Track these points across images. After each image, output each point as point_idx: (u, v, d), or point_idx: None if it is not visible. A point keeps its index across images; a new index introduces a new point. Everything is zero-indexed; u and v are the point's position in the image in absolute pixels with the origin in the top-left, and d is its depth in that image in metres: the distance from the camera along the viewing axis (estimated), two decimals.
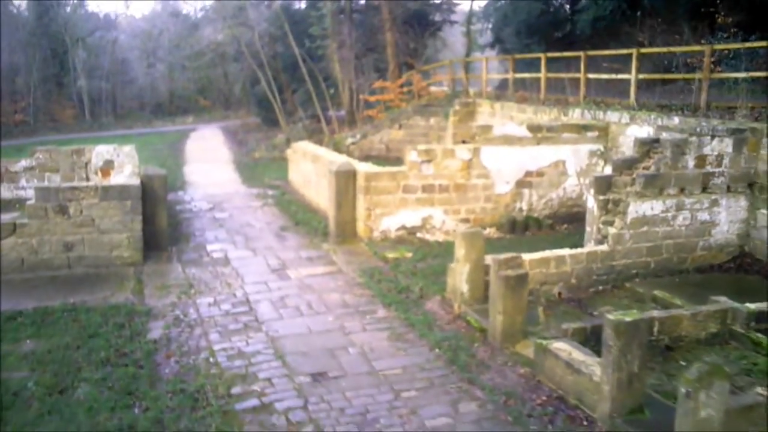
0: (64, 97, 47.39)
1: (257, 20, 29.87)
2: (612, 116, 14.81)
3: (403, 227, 13.50)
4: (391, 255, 12.23)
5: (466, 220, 13.98)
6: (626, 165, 11.15)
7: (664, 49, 15.78)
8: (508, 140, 14.12)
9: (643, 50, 15.55)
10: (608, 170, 14.88)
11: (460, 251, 9.58)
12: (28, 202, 11.18)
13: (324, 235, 13.83)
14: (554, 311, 9.69)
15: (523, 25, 27.46)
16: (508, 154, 14.10)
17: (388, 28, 27.33)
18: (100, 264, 11.48)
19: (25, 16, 47.39)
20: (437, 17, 34.86)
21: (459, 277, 9.62)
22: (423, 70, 28.38)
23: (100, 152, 16.33)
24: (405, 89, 26.37)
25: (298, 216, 15.50)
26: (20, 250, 11.07)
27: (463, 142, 20.95)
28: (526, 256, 10.03)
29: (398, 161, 22.83)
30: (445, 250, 12.65)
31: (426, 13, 33.53)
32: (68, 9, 48.88)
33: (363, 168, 13.44)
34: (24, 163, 16.34)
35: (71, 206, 11.19)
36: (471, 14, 36.56)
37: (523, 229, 14.14)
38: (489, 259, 9.75)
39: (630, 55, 17.60)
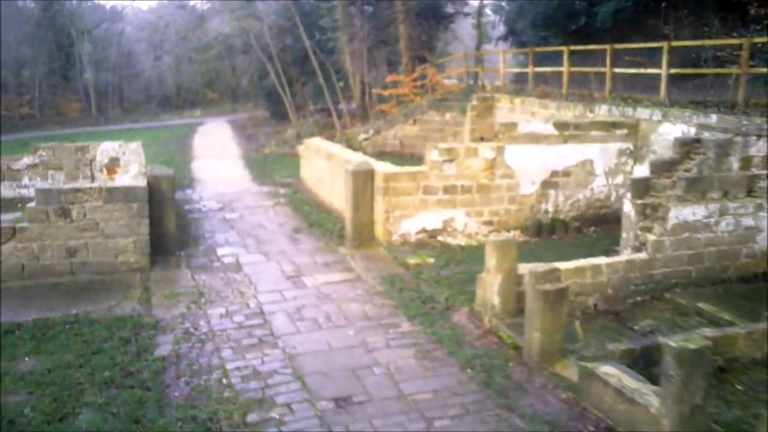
0: (70, 90, 46.85)
1: (266, 12, 29.12)
2: (642, 113, 14.05)
3: (424, 230, 12.82)
4: (412, 261, 11.55)
5: (489, 223, 13.30)
6: (665, 167, 10.41)
7: (698, 42, 14.98)
8: (534, 138, 13.40)
9: (675, 43, 14.74)
10: (639, 170, 14.20)
11: (491, 261, 8.89)
12: (29, 205, 10.54)
13: (340, 238, 13.15)
14: (592, 325, 9.01)
15: (540, 17, 26.60)
16: (533, 153, 13.38)
17: (402, 21, 26.52)
18: (104, 270, 10.83)
19: (30, 8, 46.81)
20: (450, 9, 33.98)
21: (490, 288, 8.94)
22: (437, 64, 27.58)
23: (105, 149, 15.74)
24: (419, 83, 25.58)
25: (312, 217, 14.82)
26: (20, 255, 10.44)
27: (482, 138, 20.28)
28: (561, 266, 9.35)
29: (413, 158, 22.20)
30: (469, 255, 12.00)
31: (439, 5, 32.71)
32: (74, 1, 48.26)
33: (381, 168, 12.75)
34: (26, 160, 15.76)
35: (74, 209, 10.54)
36: (482, 6, 35.67)
37: (549, 232, 13.44)
38: (522, 268, 9.12)
39: (657, 49, 16.86)
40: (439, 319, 9.26)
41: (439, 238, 12.88)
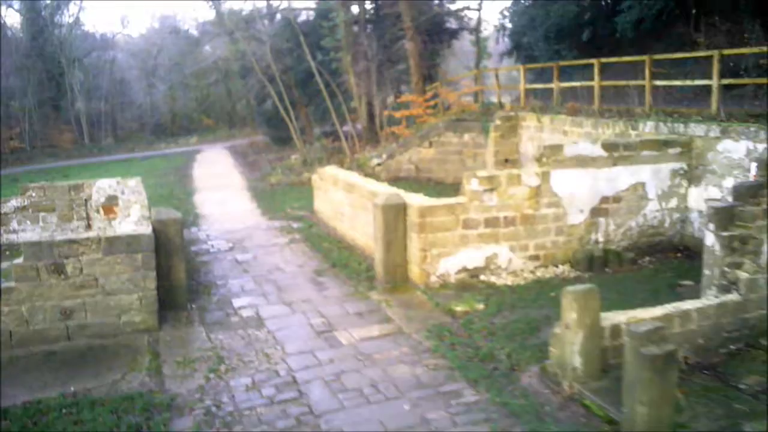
0: (61, 120, 45.39)
1: (267, 33, 27.81)
2: (696, 129, 12.69)
3: (464, 269, 11.38)
4: (458, 308, 10.08)
5: (535, 257, 11.89)
6: (751, 192, 9.03)
7: (755, 50, 13.65)
8: (581, 161, 12.03)
9: (727, 51, 13.43)
10: (694, 193, 12.84)
11: (570, 314, 7.44)
12: (16, 261, 9.06)
13: (369, 280, 11.70)
14: (690, 385, 7.54)
15: (553, 29, 25.39)
16: (581, 178, 12.02)
17: (410, 38, 25.23)
18: (106, 333, 9.34)
19: (18, 38, 45.46)
20: (454, 25, 32.81)
21: (569, 347, 7.49)
22: (450, 81, 26.27)
23: (101, 187, 14.23)
24: (432, 102, 24.21)
25: (334, 255, 13.36)
26: (8, 320, 8.94)
27: (506, 161, 18.97)
28: (643, 314, 7.96)
29: (430, 182, 20.82)
30: (520, 298, 10.57)
31: (443, 20, 31.55)
32: (63, 29, 46.91)
33: (415, 201, 11.32)
34: (15, 202, 14.26)
35: (69, 264, 9.07)
36: (480, 21, 34.40)
37: (601, 265, 12.02)
38: (605, 319, 7.70)
39: (687, 59, 15.66)
40: (506, 384, 7.80)
41: (482, 277, 11.45)
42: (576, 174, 11.97)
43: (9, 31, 46.10)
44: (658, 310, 8.15)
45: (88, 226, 14.45)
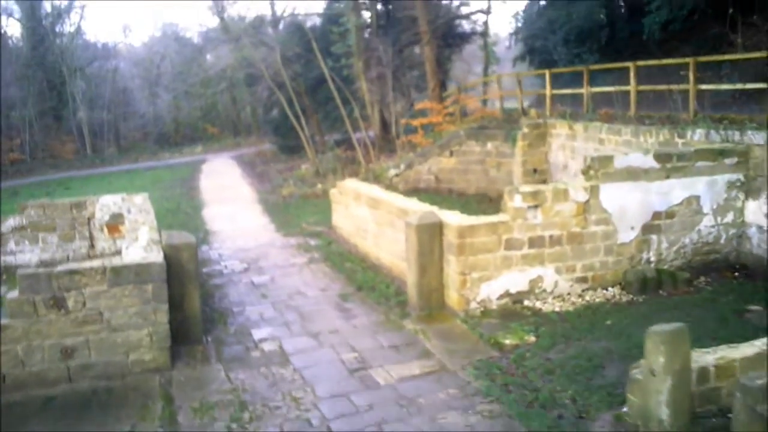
0: (62, 131, 44.41)
1: (277, 39, 26.83)
2: (755, 137, 11.62)
3: (507, 294, 10.31)
4: (507, 340, 9.00)
5: (583, 280, 10.82)
6: None
7: None
8: (632, 174, 10.97)
9: None
10: (752, 207, 11.79)
11: (656, 358, 6.35)
12: (10, 296, 7.99)
13: (400, 306, 10.64)
14: None
15: (574, 32, 24.38)
16: (632, 192, 10.96)
17: (427, 42, 24.21)
18: (112, 374, 8.28)
19: (19, 47, 44.57)
20: (466, 28, 31.88)
21: (654, 396, 6.39)
22: (466, 87, 25.23)
23: (105, 204, 13.26)
24: (451, 109, 23.16)
25: (358, 277, 12.29)
26: (2, 361, 7.87)
27: (535, 171, 17.93)
28: (733, 353, 6.89)
29: (451, 194, 19.77)
30: (573, 327, 9.50)
31: (454, 24, 30.60)
32: (64, 39, 45.99)
33: (453, 220, 10.24)
34: (12, 222, 13.21)
35: (70, 297, 8.01)
36: (487, 26, 33.42)
37: (655, 288, 10.92)
38: (697, 362, 6.61)
39: (722, 62, 14.71)
40: None
41: (526, 302, 10.38)
42: (627, 187, 10.92)
43: (10, 41, 45.24)
44: (749, 349, 7.05)
45: (92, 247, 13.43)
